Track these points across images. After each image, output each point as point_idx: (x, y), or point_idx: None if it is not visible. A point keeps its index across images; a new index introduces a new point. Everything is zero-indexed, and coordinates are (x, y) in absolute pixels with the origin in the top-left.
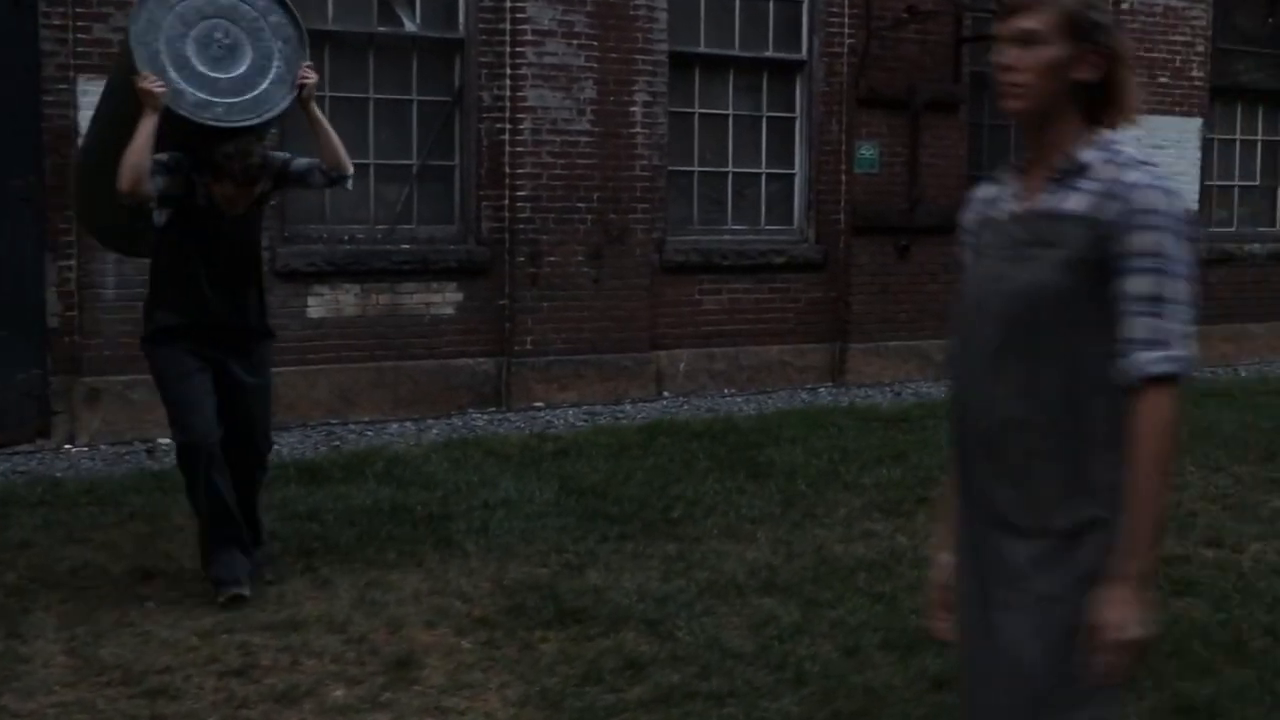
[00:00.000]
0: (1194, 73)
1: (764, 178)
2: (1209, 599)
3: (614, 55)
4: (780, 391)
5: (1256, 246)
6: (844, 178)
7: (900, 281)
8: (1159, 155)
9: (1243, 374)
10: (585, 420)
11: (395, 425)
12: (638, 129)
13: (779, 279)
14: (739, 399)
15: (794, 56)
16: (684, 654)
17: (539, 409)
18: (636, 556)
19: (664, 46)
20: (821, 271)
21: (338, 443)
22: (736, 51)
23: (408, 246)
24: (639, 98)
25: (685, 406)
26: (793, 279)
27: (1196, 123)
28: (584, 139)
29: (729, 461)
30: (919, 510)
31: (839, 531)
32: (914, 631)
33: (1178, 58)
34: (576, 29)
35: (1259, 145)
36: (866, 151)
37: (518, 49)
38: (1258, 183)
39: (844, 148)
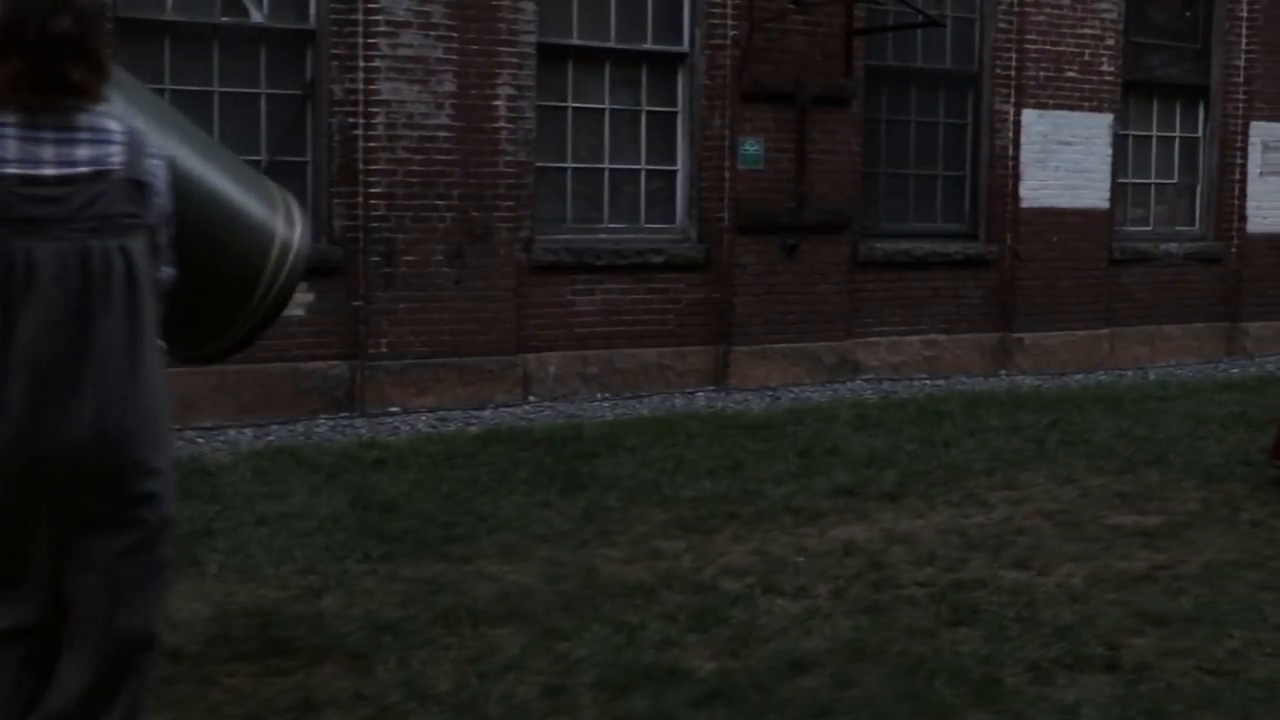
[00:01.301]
0: (1104, 67)
1: (644, 174)
2: (986, 629)
3: (475, 47)
4: (656, 396)
5: (1173, 246)
6: (728, 174)
7: (788, 282)
8: (1067, 151)
9: (1152, 377)
10: (434, 426)
11: (233, 431)
12: (501, 124)
13: (658, 279)
14: (606, 404)
15: (675, 49)
16: (370, 693)
17: (394, 414)
18: (390, 579)
19: (531, 38)
20: (704, 271)
21: None
22: (612, 44)
23: None
24: (503, 91)
25: (548, 411)
26: (673, 279)
27: (1107, 118)
28: (443, 134)
29: (553, 472)
30: (724, 527)
31: (624, 551)
32: (643, 668)
33: (1086, 51)
34: (434, 20)
35: (1176, 142)
36: (751, 147)
37: (371, 40)
38: (1175, 181)
39: (728, 143)
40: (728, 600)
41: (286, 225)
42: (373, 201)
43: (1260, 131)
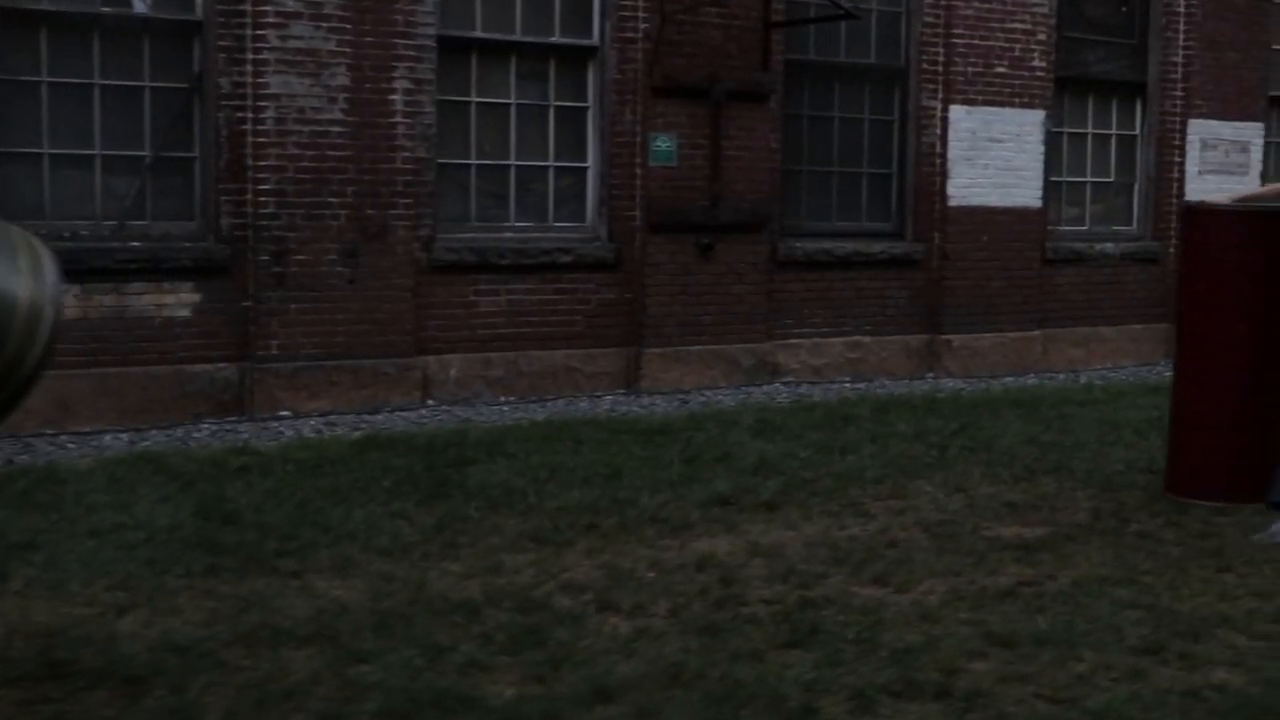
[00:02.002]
0: (1035, 62)
1: (552, 171)
2: (821, 651)
3: (370, 39)
4: (563, 400)
5: (1109, 246)
6: (639, 172)
7: (702, 282)
8: (997, 148)
9: (1083, 380)
10: (319, 431)
11: (109, 436)
12: (398, 119)
13: (566, 279)
14: (508, 407)
15: (584, 42)
16: None
17: (283, 418)
18: (205, 595)
19: (431, 31)
20: (614, 271)
21: (18, 457)
22: (518, 37)
23: (138, 244)
24: (400, 85)
25: (445, 416)
26: (582, 279)
27: (1038, 115)
28: (336, 129)
29: (420, 480)
30: (581, 540)
31: (465, 565)
32: (435, 694)
33: (1017, 46)
34: (325, 10)
35: (1113, 140)
36: (662, 143)
37: (260, 32)
38: (1112, 179)
39: (639, 140)
40: (555, 619)
41: (32, 280)
42: (262, 199)
43: (1199, 129)
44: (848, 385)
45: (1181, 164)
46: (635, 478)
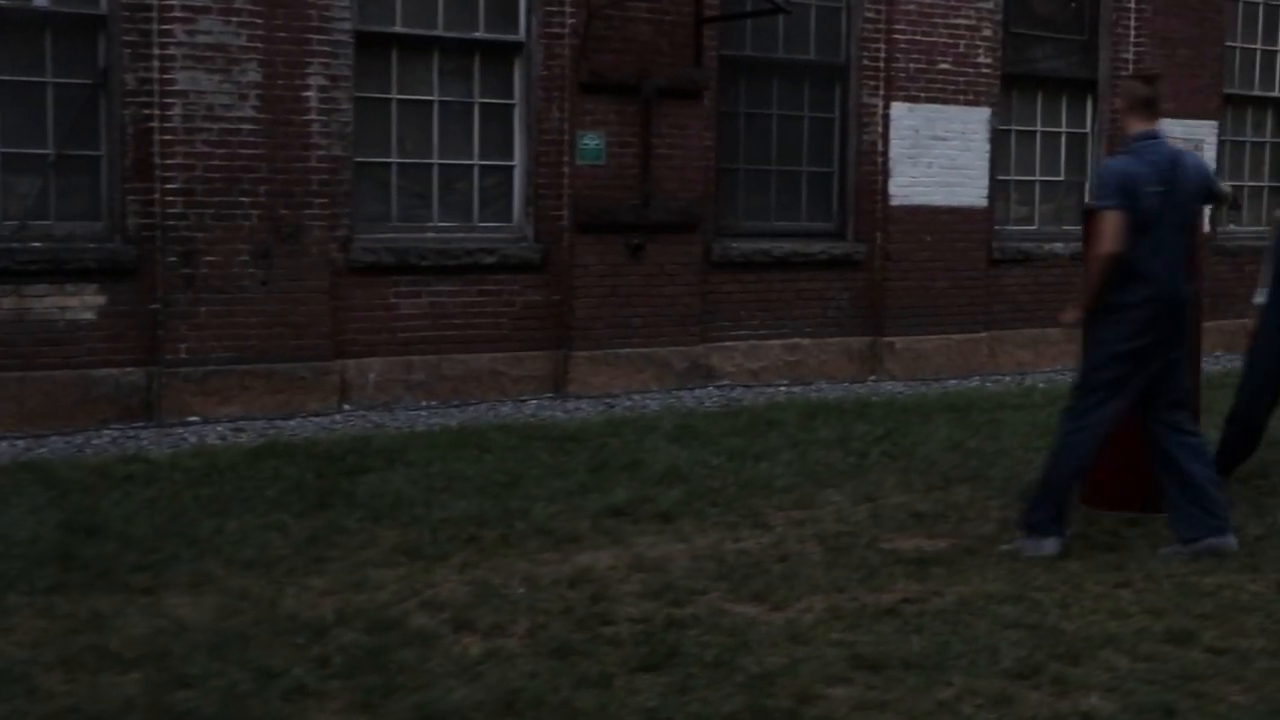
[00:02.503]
0: (981, 59)
1: (477, 170)
2: (674, 676)
3: (282, 35)
4: (486, 404)
5: (1059, 246)
6: (567, 170)
7: (633, 283)
8: (941, 147)
9: (1027, 382)
10: (224, 438)
11: (4, 443)
12: (313, 116)
13: (491, 280)
14: (426, 412)
15: (510, 37)
16: None
17: (192, 424)
18: (44, 614)
19: (347, 25)
20: (541, 272)
21: None
22: (440, 32)
23: (40, 245)
24: (314, 82)
25: (360, 421)
26: (507, 280)
27: (984, 113)
28: (247, 127)
29: (308, 490)
30: (458, 553)
31: (329, 581)
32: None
33: (961, 43)
34: (236, 5)
35: (1062, 138)
36: (590, 141)
37: (166, 26)
38: (1062, 178)
39: (567, 137)
40: (405, 640)
41: None
42: (170, 198)
43: None
44: (785, 389)
45: None
46: (534, 487)
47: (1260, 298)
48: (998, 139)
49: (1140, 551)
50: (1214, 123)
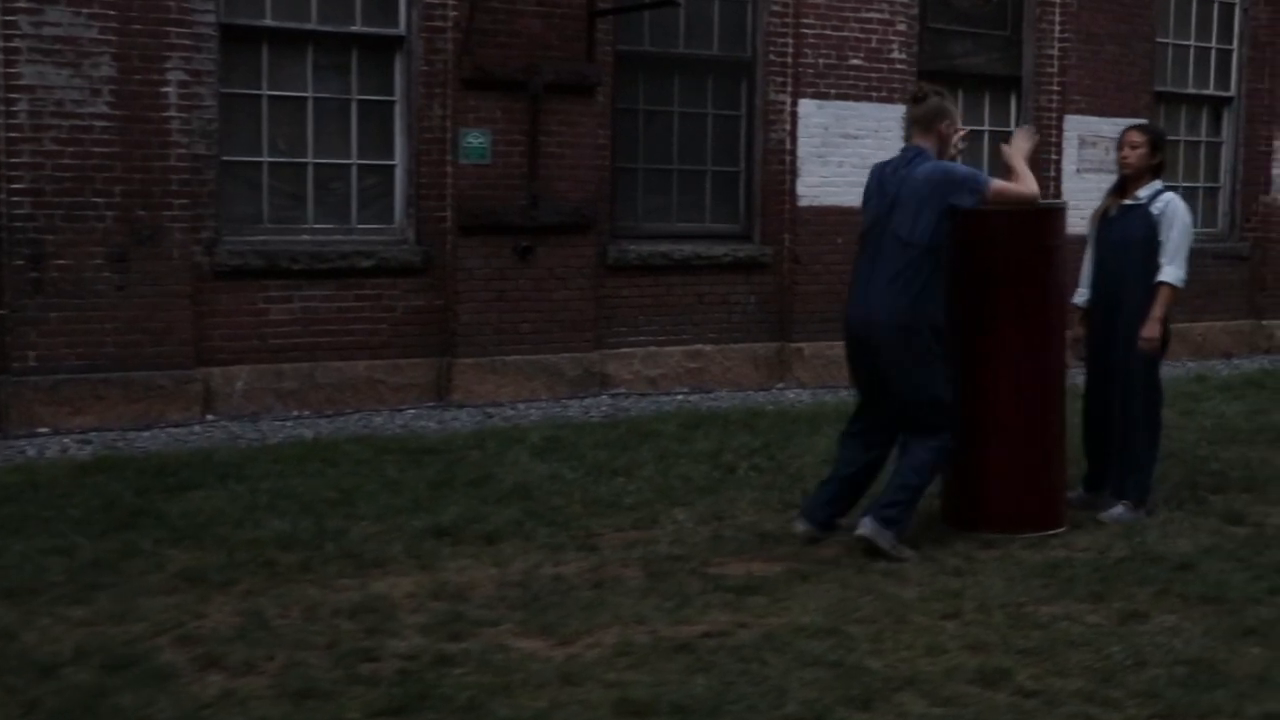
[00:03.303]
0: (895, 55)
1: (355, 169)
2: None
3: (138, 27)
4: (361, 414)
5: None
6: (450, 170)
7: (521, 287)
8: (853, 145)
9: None
10: (67, 450)
11: None
12: (173, 113)
13: (369, 285)
14: (292, 422)
15: (389, 31)
16: None
17: (42, 435)
18: None
19: (210, 18)
20: (423, 276)
21: None
22: (314, 25)
23: None
24: (173, 77)
25: (219, 432)
26: (386, 285)
27: (899, 110)
28: (100, 124)
29: (120, 508)
30: (245, 579)
31: (94, 610)
32: None
33: (874, 37)
34: None
35: (985, 137)
36: (474, 140)
37: (9, 18)
38: None
39: (449, 136)
40: (139, 680)
41: None
42: (16, 199)
43: (1076, 125)
44: (684, 397)
45: (1058, 162)
46: (365, 504)
47: (1080, 299)
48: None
49: (986, 577)
50: (1143, 121)
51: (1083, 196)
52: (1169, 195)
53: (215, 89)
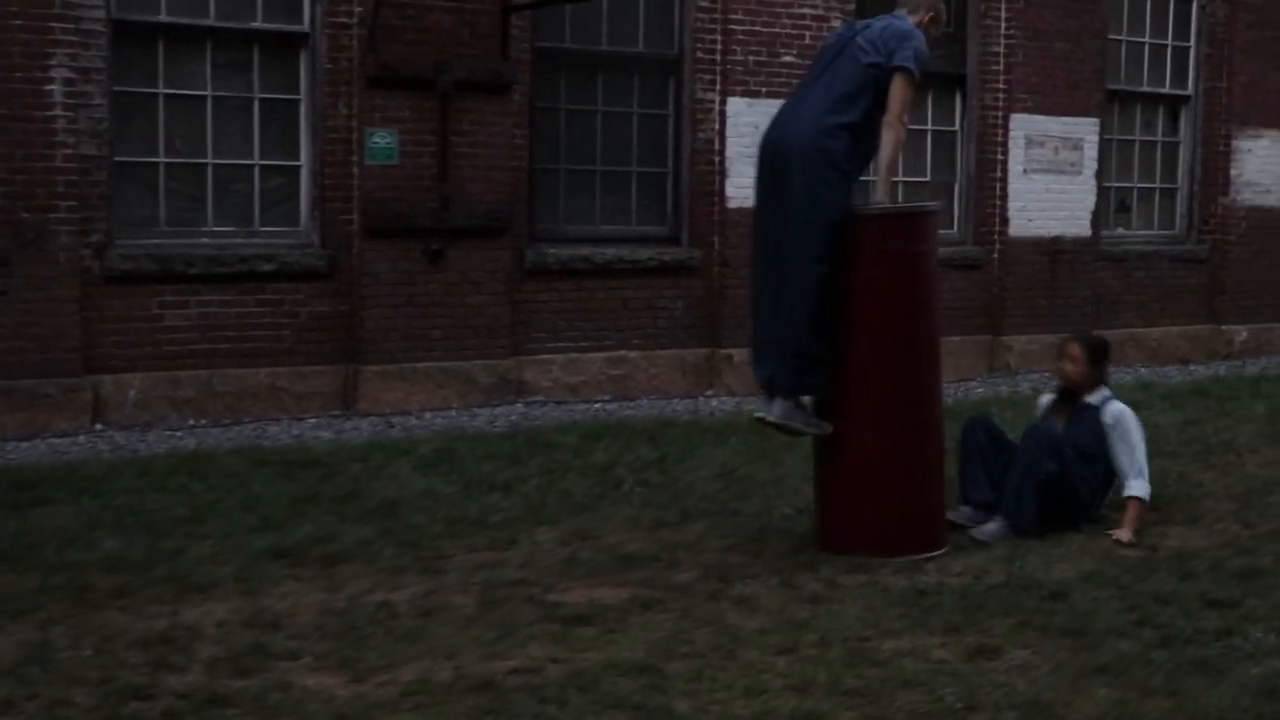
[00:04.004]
0: None
1: (258, 170)
2: None
3: (18, 22)
4: (259, 423)
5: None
6: (356, 171)
7: (431, 292)
8: None
9: None
10: None
11: None
12: (58, 112)
13: (270, 290)
14: (180, 432)
15: (293, 28)
16: None
17: None
18: None
19: (99, 14)
20: (328, 280)
21: None
22: (213, 21)
23: None
24: (58, 74)
25: (105, 443)
26: (289, 290)
27: None
28: None
29: None
30: (48, 606)
31: None
32: None
33: (807, 34)
34: None
35: (929, 136)
36: (380, 140)
37: None
38: (928, 179)
39: (355, 135)
40: None
41: None
42: None
43: (1023, 125)
44: (604, 406)
45: (1004, 162)
46: (215, 522)
47: None
48: None
49: (843, 606)
50: (1095, 120)
51: (1031, 198)
52: (1119, 407)
53: (106, 87)
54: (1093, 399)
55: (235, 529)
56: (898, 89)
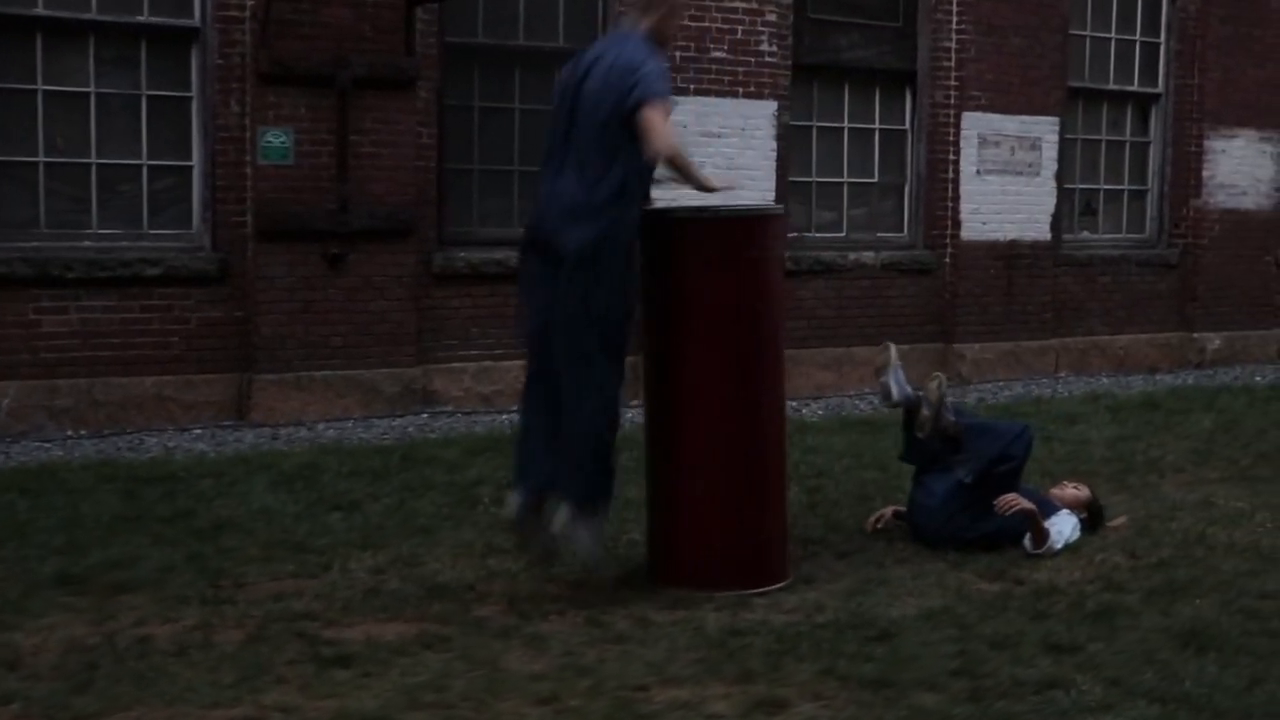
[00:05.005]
0: (764, 47)
1: (146, 171)
2: None
3: None
4: (143, 434)
5: (869, 255)
6: (250, 171)
7: (331, 298)
8: (715, 144)
9: (805, 411)
10: None
11: None
12: None
13: (157, 295)
14: (52, 444)
15: (182, 22)
16: None
17: None
18: None
19: None
20: (219, 286)
21: None
22: (95, 15)
23: None
24: None
25: None
26: (178, 295)
27: (769, 106)
28: None
29: None
30: None
31: None
32: None
33: (739, 28)
34: None
35: (876, 135)
36: (274, 139)
37: None
38: (876, 180)
39: (248, 134)
40: None
41: None
42: None
43: (976, 123)
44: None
45: (956, 162)
46: (16, 544)
47: None
48: (793, 136)
49: (642, 648)
50: (1055, 119)
51: (985, 200)
52: None
53: None
54: None
55: (33, 552)
56: (650, 122)
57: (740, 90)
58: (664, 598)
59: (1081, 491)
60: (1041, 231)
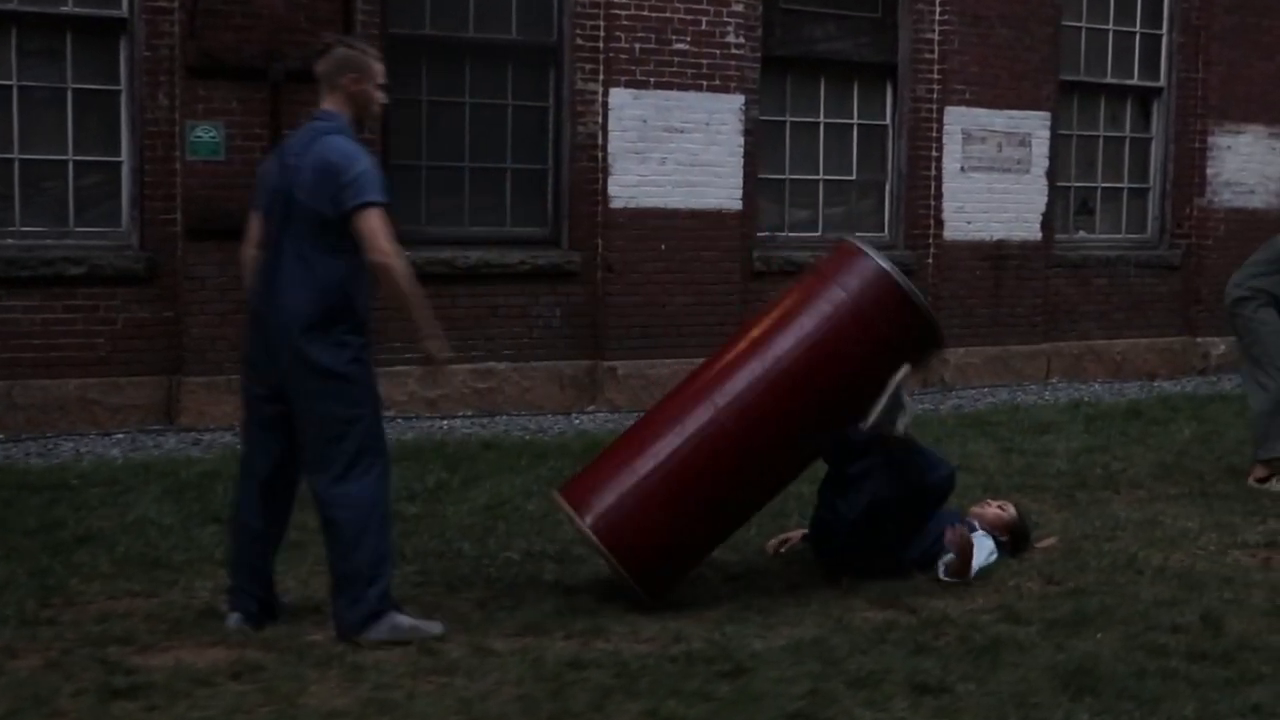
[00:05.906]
0: (730, 39)
1: (72, 167)
2: None
3: None
4: (64, 438)
5: None
6: (179, 168)
7: None
8: (679, 140)
9: None
10: None
11: None
12: None
13: (81, 295)
14: None
15: (110, 13)
16: None
17: None
18: None
19: None
20: (147, 285)
21: None
22: (17, 6)
23: None
24: None
25: None
26: (103, 295)
27: (736, 101)
28: None
29: None
30: None
31: None
32: None
33: (703, 19)
34: None
35: (854, 131)
36: (203, 134)
37: None
38: (854, 177)
39: (177, 129)
40: None
41: None
42: None
43: (960, 118)
44: (465, 422)
45: (939, 159)
46: None
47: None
48: (765, 132)
49: (467, 680)
50: (1045, 114)
51: (969, 198)
52: None
53: None
54: None
55: None
56: (368, 225)
57: (704, 84)
58: (517, 622)
59: (1005, 512)
60: (1031, 231)
